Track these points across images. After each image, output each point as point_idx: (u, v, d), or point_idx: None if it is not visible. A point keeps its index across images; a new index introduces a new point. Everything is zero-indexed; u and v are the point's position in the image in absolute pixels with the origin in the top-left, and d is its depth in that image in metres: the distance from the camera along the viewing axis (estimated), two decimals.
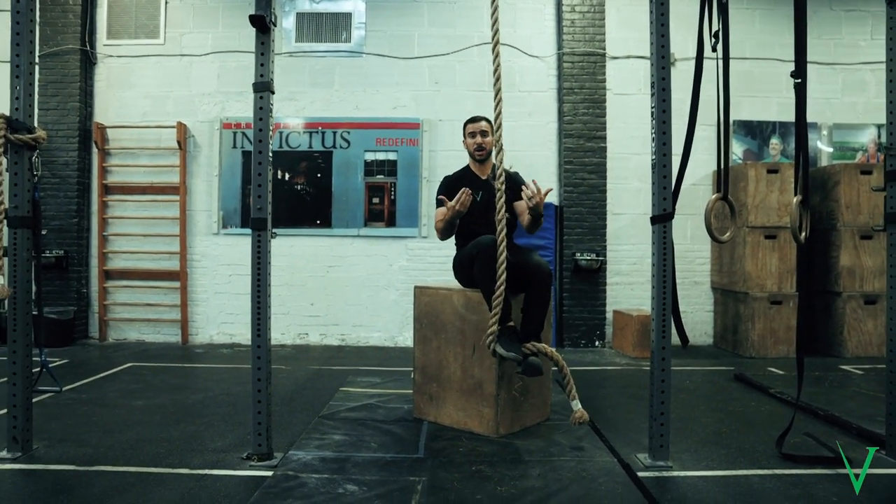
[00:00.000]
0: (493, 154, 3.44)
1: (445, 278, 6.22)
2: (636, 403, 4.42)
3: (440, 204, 3.66)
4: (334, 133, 6.93)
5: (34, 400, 3.49)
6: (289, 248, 6.87)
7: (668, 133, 3.18)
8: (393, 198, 6.90)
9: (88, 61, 6.92)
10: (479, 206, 3.80)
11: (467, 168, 4.03)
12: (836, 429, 3.79)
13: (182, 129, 6.82)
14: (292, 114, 6.96)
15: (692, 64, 3.43)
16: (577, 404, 3.24)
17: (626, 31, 6.96)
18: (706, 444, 3.53)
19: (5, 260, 3.24)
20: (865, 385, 5.01)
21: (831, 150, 7.07)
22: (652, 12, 3.20)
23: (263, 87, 3.19)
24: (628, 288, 6.97)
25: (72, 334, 6.67)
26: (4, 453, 3.20)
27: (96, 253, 6.93)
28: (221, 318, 6.96)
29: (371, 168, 6.92)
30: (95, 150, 6.89)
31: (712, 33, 3.33)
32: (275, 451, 3.28)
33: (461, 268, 3.76)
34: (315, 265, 6.95)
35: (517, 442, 3.51)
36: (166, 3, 6.99)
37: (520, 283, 3.45)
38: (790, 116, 6.81)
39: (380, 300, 6.95)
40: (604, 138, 6.83)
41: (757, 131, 7.01)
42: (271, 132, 3.24)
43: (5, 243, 3.25)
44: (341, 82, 7.02)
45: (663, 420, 3.17)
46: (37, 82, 3.38)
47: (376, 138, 6.92)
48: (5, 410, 3.29)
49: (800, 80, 3.18)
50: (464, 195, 3.44)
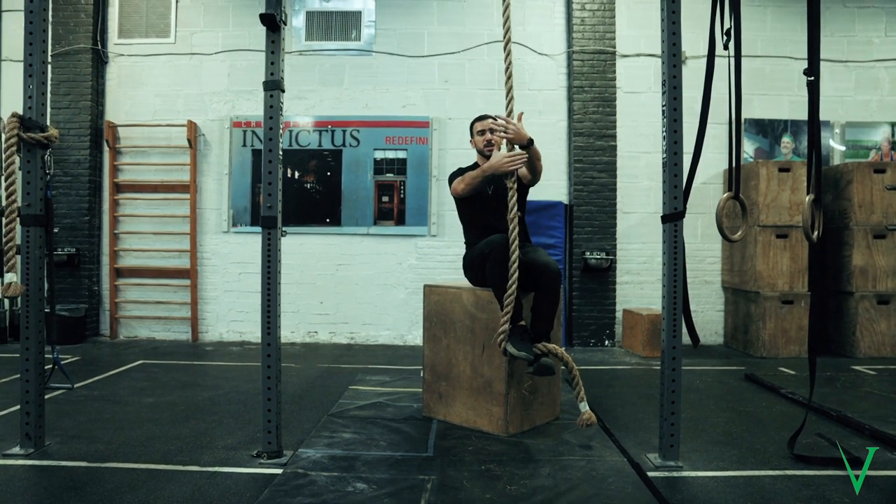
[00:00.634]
0: (504, 148, 3.44)
1: (455, 277, 6.22)
2: (646, 403, 4.40)
3: (457, 175, 3.82)
4: (344, 131, 6.94)
5: (46, 396, 3.52)
6: (298, 246, 6.89)
7: (679, 131, 3.17)
8: (402, 196, 6.90)
9: (100, 60, 6.96)
10: (490, 199, 3.82)
11: (476, 165, 4.03)
12: (849, 430, 3.76)
13: (192, 127, 6.85)
14: (302, 112, 6.98)
15: (703, 62, 3.41)
16: (584, 406, 3.23)
17: (637, 29, 6.93)
18: (717, 445, 3.51)
19: (18, 258, 3.26)
20: (878, 386, 4.96)
21: (844, 148, 7.01)
22: (663, 10, 3.18)
23: (273, 86, 3.19)
24: (638, 287, 6.94)
25: (83, 332, 6.72)
26: (17, 449, 3.23)
27: (107, 251, 6.97)
28: (231, 316, 6.99)
29: (381, 166, 6.92)
30: (107, 149, 6.93)
31: (724, 31, 3.31)
32: (284, 449, 3.29)
33: (472, 266, 3.75)
34: (324, 263, 6.96)
35: (527, 441, 3.51)
36: (177, 2, 7.02)
37: (529, 281, 3.45)
38: (802, 115, 6.76)
39: (389, 299, 6.95)
40: (614, 137, 6.80)
41: (768, 130, 6.96)
42: (281, 131, 3.24)
43: (18, 241, 3.27)
44: (351, 81, 7.02)
45: (674, 420, 3.15)
46: (49, 81, 3.39)
47: (386, 137, 6.92)
48: (18, 407, 3.32)
49: (812, 78, 3.15)
50: (519, 158, 3.36)
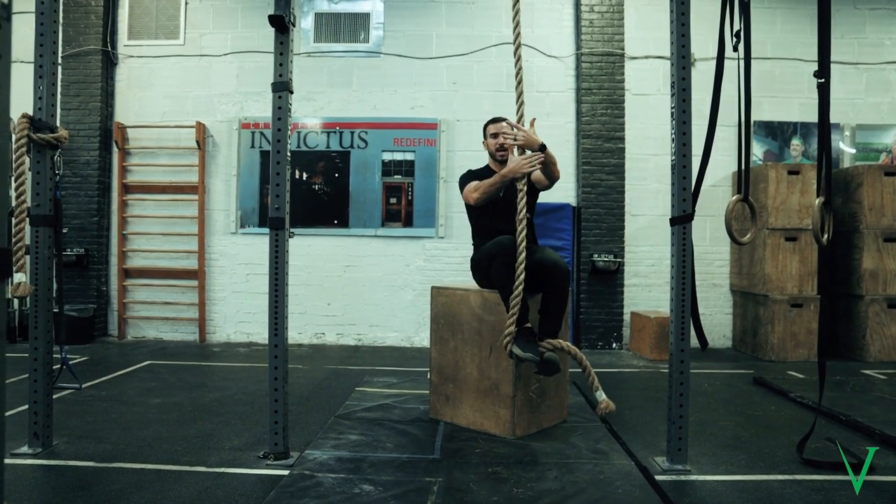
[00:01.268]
0: (515, 154, 3.41)
1: (462, 279, 6.22)
2: (654, 406, 4.38)
3: (469, 179, 3.79)
4: (352, 133, 6.95)
5: (55, 396, 3.53)
6: (306, 247, 6.90)
7: (688, 134, 3.16)
8: (410, 198, 6.91)
9: (109, 62, 7.00)
10: (501, 202, 3.76)
11: (488, 167, 4.01)
12: (859, 434, 3.73)
13: (201, 128, 6.88)
14: (310, 114, 6.99)
15: (712, 64, 3.39)
16: (601, 395, 3.22)
17: (646, 31, 6.91)
18: (725, 448, 3.49)
19: (27, 258, 3.28)
20: (889, 390, 4.92)
21: (854, 151, 6.96)
22: (672, 12, 3.17)
23: (282, 87, 3.20)
24: (646, 289, 6.92)
25: (91, 332, 6.75)
26: (26, 449, 3.25)
27: (116, 251, 7.00)
28: (239, 318, 7.01)
29: (388, 168, 6.93)
30: (116, 150, 6.97)
31: (733, 33, 3.29)
32: (291, 451, 3.28)
33: (479, 268, 3.73)
34: (332, 265, 6.97)
35: (534, 444, 3.49)
36: (186, 3, 7.06)
37: (537, 282, 3.44)
38: (811, 117, 6.72)
39: (396, 300, 6.95)
40: (622, 139, 6.78)
41: (778, 132, 6.92)
42: (289, 132, 3.25)
43: (28, 241, 3.29)
44: (359, 82, 7.03)
45: (682, 423, 3.13)
46: (59, 82, 3.41)
47: (394, 138, 6.93)
48: (27, 406, 3.33)
49: (823, 80, 3.13)
50: (536, 158, 3.32)
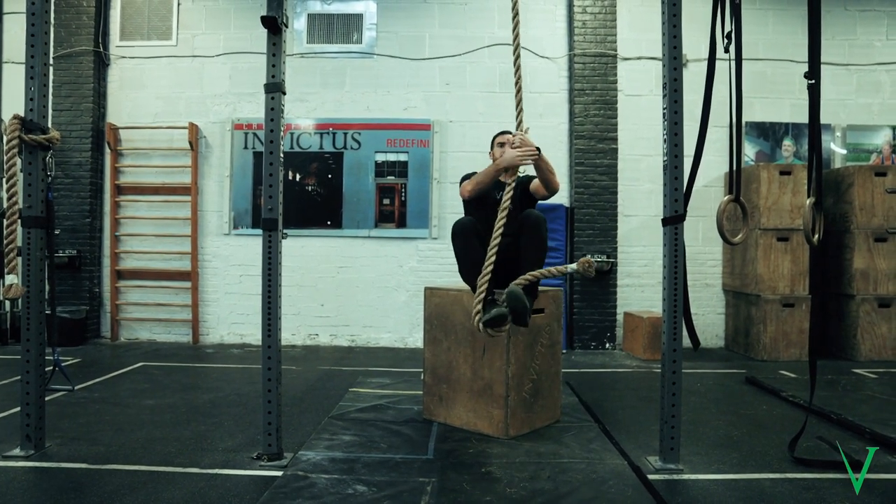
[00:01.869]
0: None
1: (455, 279, 6.21)
2: (647, 406, 4.40)
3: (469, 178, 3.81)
4: (345, 134, 6.95)
5: (47, 398, 3.51)
6: (299, 248, 6.89)
7: (679, 134, 3.17)
8: (403, 199, 6.91)
9: (101, 62, 6.98)
10: (491, 202, 3.77)
11: None
12: (849, 433, 3.75)
13: (194, 129, 6.86)
14: (303, 115, 6.99)
15: (704, 65, 3.41)
16: (572, 266, 3.11)
17: (638, 33, 6.93)
18: (717, 448, 3.51)
19: (19, 259, 3.27)
20: (879, 389, 4.96)
21: (845, 151, 7.01)
22: (664, 13, 3.18)
23: (275, 88, 3.20)
24: (639, 290, 6.94)
25: (84, 334, 6.73)
26: (18, 451, 3.23)
27: (108, 253, 6.98)
28: (232, 319, 6.99)
29: (382, 169, 6.93)
30: (108, 151, 6.94)
31: (725, 34, 3.31)
32: (285, 452, 3.29)
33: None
34: (325, 266, 6.96)
35: (527, 444, 3.50)
36: (179, 4, 7.04)
37: (512, 259, 3.49)
38: (803, 118, 6.75)
39: (390, 301, 6.95)
40: (615, 140, 6.81)
41: (769, 133, 6.96)
42: (282, 133, 3.25)
43: (19, 243, 3.28)
44: (352, 83, 7.03)
45: (674, 423, 3.15)
46: (51, 83, 3.40)
47: (387, 139, 6.93)
48: (19, 409, 3.32)
49: (813, 81, 3.15)
50: (530, 149, 3.36)
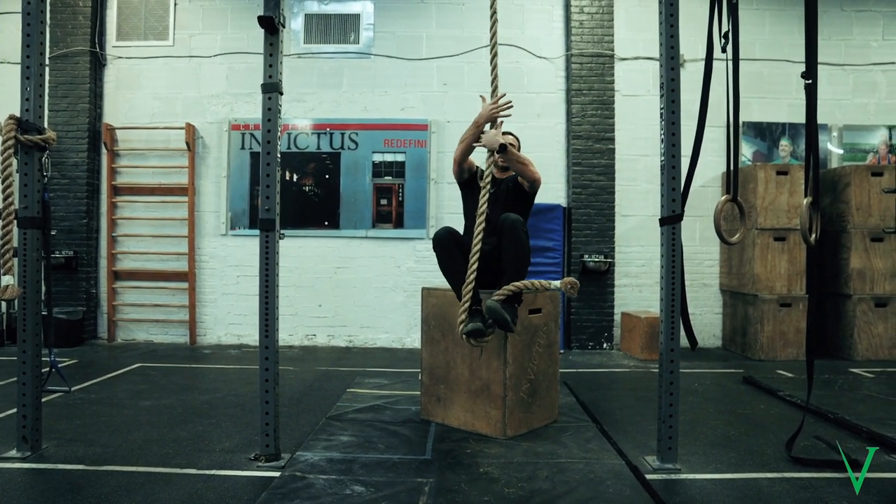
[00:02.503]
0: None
1: None
2: (644, 406, 4.40)
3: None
4: (342, 134, 6.94)
5: (44, 400, 3.50)
6: (297, 249, 6.89)
7: (677, 134, 3.17)
8: (401, 199, 6.91)
9: (98, 63, 6.96)
10: (489, 199, 3.68)
11: (491, 175, 3.99)
12: (846, 432, 3.76)
13: (191, 130, 6.85)
14: (301, 115, 6.98)
15: (702, 65, 3.41)
16: (556, 283, 3.18)
17: (635, 33, 6.94)
18: (715, 447, 3.51)
19: (15, 260, 3.26)
20: (876, 388, 4.97)
21: (841, 151, 7.02)
22: (661, 13, 3.18)
23: (272, 88, 3.19)
24: (636, 290, 6.95)
25: (81, 335, 6.71)
26: (14, 452, 3.22)
27: (105, 254, 6.96)
28: (229, 319, 6.98)
29: (379, 169, 6.92)
30: (105, 152, 6.93)
31: (722, 34, 3.31)
32: (282, 452, 3.28)
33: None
34: (323, 266, 6.96)
35: (525, 444, 3.50)
36: (175, 4, 7.03)
37: (497, 260, 3.46)
38: (800, 118, 6.77)
39: (387, 301, 6.95)
40: (612, 140, 6.81)
41: (766, 133, 6.97)
42: (279, 133, 3.24)
43: (15, 244, 3.27)
44: (349, 84, 7.03)
45: (672, 422, 3.15)
46: (47, 84, 3.39)
47: (384, 139, 6.93)
48: (15, 410, 3.30)
49: (810, 81, 3.16)
50: (503, 100, 3.39)
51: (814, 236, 3.26)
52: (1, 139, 3.23)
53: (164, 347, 6.69)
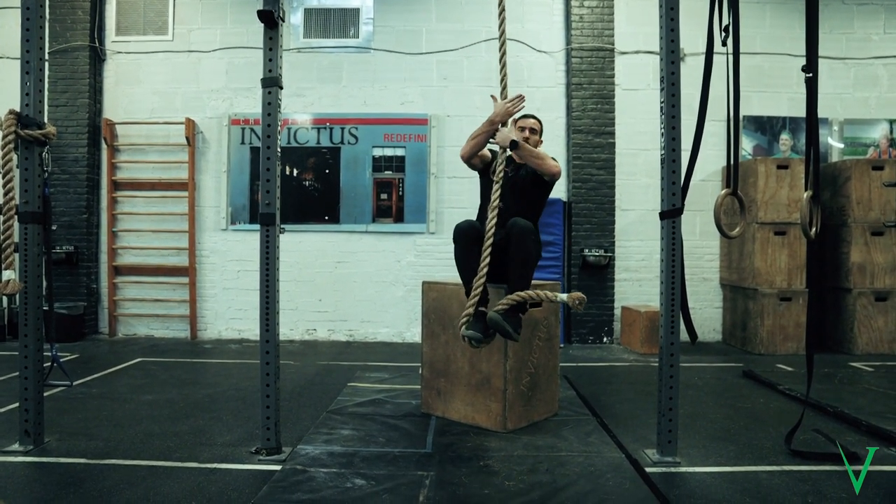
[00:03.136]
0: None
1: (453, 274, 6.20)
2: (644, 399, 4.41)
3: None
4: (342, 129, 6.94)
5: (45, 394, 3.52)
6: (297, 243, 6.89)
7: (677, 128, 3.17)
8: (401, 193, 6.90)
9: (97, 58, 6.95)
10: (505, 182, 3.45)
11: (511, 159, 3.80)
12: (846, 426, 3.77)
13: (190, 125, 6.85)
14: (300, 109, 6.97)
15: (702, 59, 3.41)
16: (562, 296, 3.08)
17: (635, 26, 6.92)
18: (714, 441, 3.52)
19: (16, 255, 3.26)
20: (875, 382, 4.97)
21: (842, 145, 7.01)
22: (661, 7, 3.18)
23: (271, 83, 3.19)
24: (637, 284, 6.95)
25: (82, 329, 6.72)
26: (16, 446, 3.24)
27: (106, 249, 6.97)
28: (230, 314, 6.99)
29: (379, 164, 6.92)
30: (105, 147, 6.93)
31: (722, 28, 3.31)
32: (283, 446, 3.29)
33: None
34: (323, 261, 6.96)
35: (525, 437, 3.52)
36: None
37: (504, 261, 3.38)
38: (800, 112, 6.76)
39: (388, 296, 6.96)
40: (612, 134, 6.80)
41: (767, 127, 6.96)
42: (279, 128, 3.24)
43: (16, 239, 3.27)
44: (349, 78, 7.02)
45: (671, 416, 3.16)
46: (46, 79, 3.39)
47: (384, 134, 6.92)
48: (17, 404, 3.32)
49: (811, 75, 3.15)
50: (518, 99, 3.38)
51: (814, 230, 3.26)
52: (1, 134, 3.23)
53: (164, 342, 6.70)
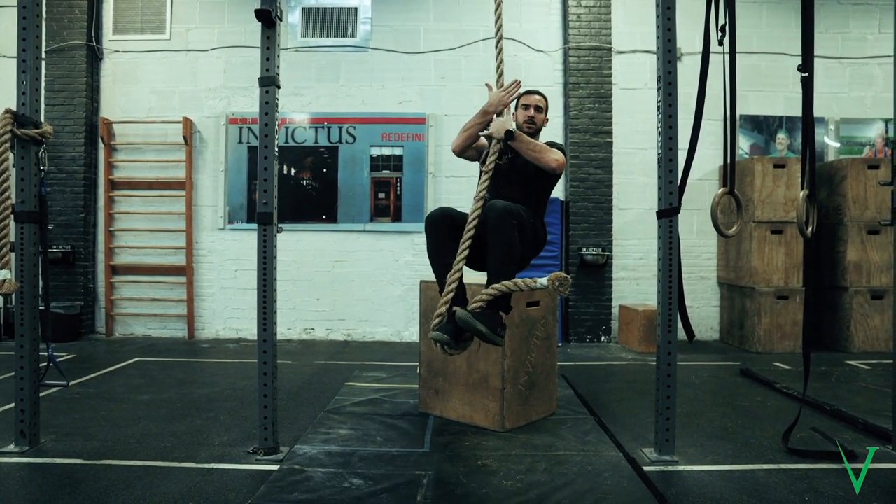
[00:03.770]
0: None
1: None
2: (642, 398, 4.42)
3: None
4: (340, 128, 6.93)
5: (42, 394, 3.51)
6: (295, 242, 6.88)
7: (674, 127, 3.18)
8: (399, 193, 6.90)
9: (94, 57, 6.94)
10: (502, 168, 3.27)
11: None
12: (843, 424, 3.78)
13: (188, 124, 6.84)
14: (298, 109, 6.96)
15: (699, 58, 3.41)
16: (542, 280, 2.64)
17: (633, 26, 6.93)
18: (712, 439, 3.52)
19: (12, 255, 3.25)
20: (872, 380, 4.99)
21: (838, 144, 7.03)
22: (658, 6, 3.18)
23: (269, 82, 3.19)
24: (634, 283, 6.96)
25: (79, 329, 6.71)
26: (12, 447, 3.23)
27: (103, 248, 6.95)
28: (227, 314, 6.98)
29: (377, 163, 6.92)
30: (102, 146, 6.91)
31: (719, 27, 3.31)
32: (281, 446, 3.29)
33: None
34: (321, 260, 6.96)
35: (523, 436, 3.52)
36: None
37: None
38: (797, 111, 6.69)
39: (386, 295, 6.95)
40: (610, 133, 6.81)
41: (763, 126, 6.97)
42: (277, 127, 3.24)
43: (12, 238, 3.26)
44: (347, 77, 7.01)
45: (669, 415, 3.16)
46: (43, 77, 3.38)
47: (382, 133, 6.92)
48: (13, 405, 3.31)
49: (807, 75, 3.16)
50: (514, 86, 3.10)
51: (810, 229, 3.27)
52: None
53: (162, 342, 6.69)
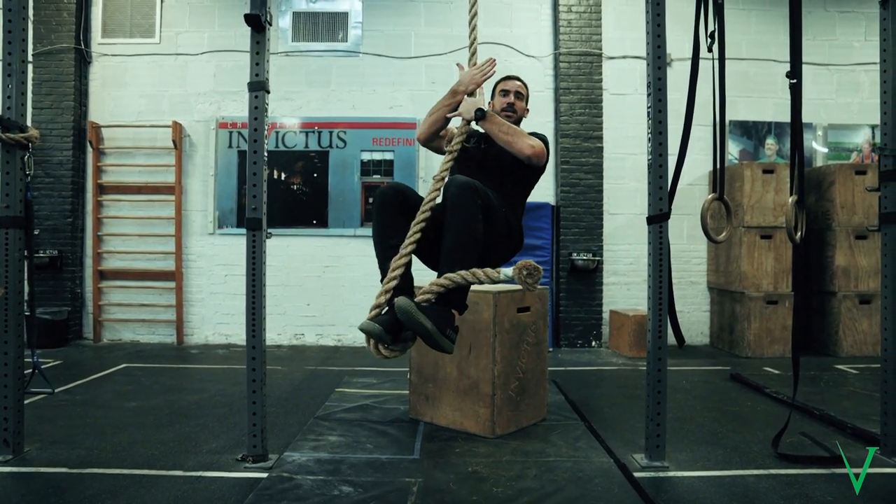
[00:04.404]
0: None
1: None
2: (632, 403, 4.41)
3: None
4: (331, 133, 6.92)
5: (26, 402, 3.47)
6: (285, 248, 6.85)
7: (664, 133, 3.18)
8: None
9: (83, 60, 6.89)
10: (473, 154, 3.10)
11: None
12: (832, 428, 3.79)
13: (177, 128, 6.80)
14: (289, 113, 6.94)
15: (688, 64, 3.42)
16: (506, 270, 2.26)
17: (623, 32, 6.96)
18: (702, 444, 3.53)
19: None
20: (860, 384, 5.01)
21: (826, 150, 7.08)
22: (648, 12, 3.19)
23: (258, 87, 3.17)
24: (625, 288, 6.97)
25: (65, 335, 6.64)
26: None
27: (91, 253, 6.89)
28: (217, 319, 6.94)
29: (368, 168, 6.90)
30: (90, 150, 6.86)
31: (708, 34, 3.33)
32: (270, 453, 3.26)
33: None
34: (311, 265, 6.93)
35: (513, 442, 3.51)
36: (162, 1, 6.96)
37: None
38: (785, 117, 6.71)
39: None
40: (600, 138, 6.83)
41: (753, 131, 7.02)
42: (267, 132, 3.22)
43: None
44: (338, 82, 7.00)
45: (660, 420, 3.16)
46: (30, 81, 3.35)
47: (373, 138, 6.91)
48: None
49: (795, 81, 3.18)
50: (488, 64, 2.89)
51: (799, 234, 3.28)
52: None
53: (150, 347, 6.63)
